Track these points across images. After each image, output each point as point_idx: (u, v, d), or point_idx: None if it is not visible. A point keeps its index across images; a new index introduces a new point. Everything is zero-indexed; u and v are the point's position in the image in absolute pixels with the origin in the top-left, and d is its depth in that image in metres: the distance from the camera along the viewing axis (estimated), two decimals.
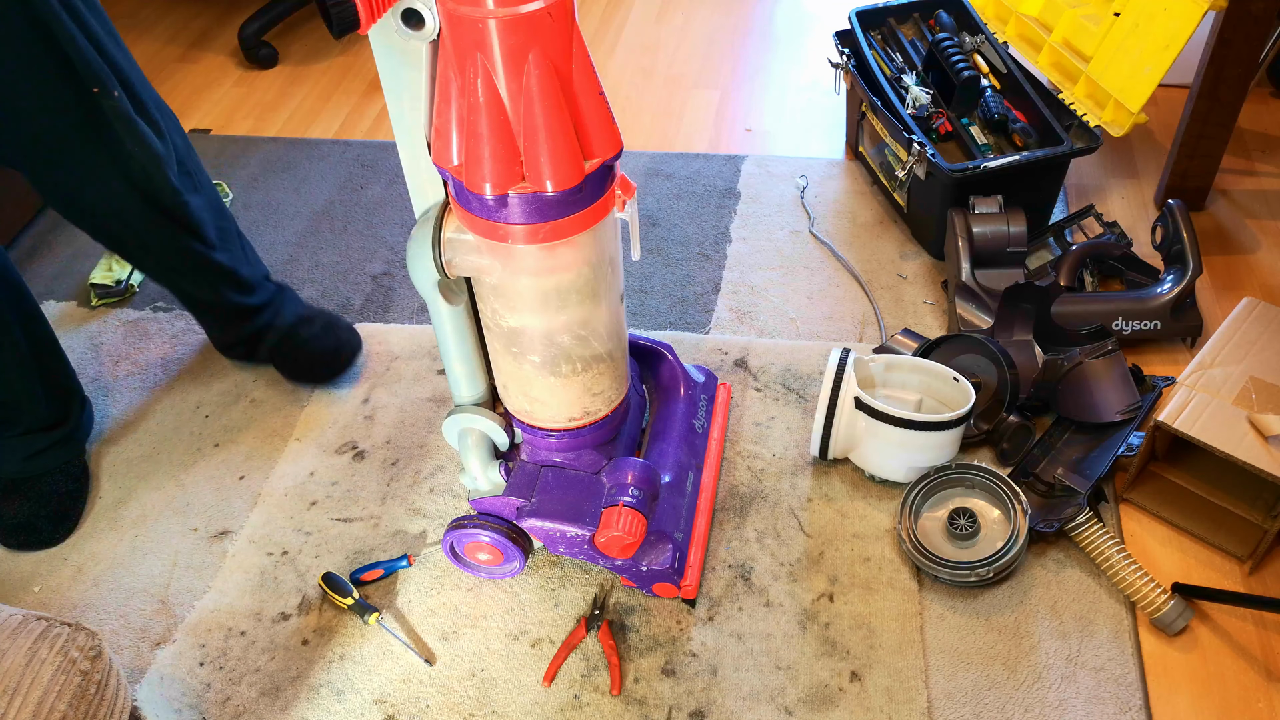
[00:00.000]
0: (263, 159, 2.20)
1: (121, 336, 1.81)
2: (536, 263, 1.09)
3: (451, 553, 1.39)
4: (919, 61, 1.97)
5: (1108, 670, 1.29)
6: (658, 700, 1.29)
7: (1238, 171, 2.00)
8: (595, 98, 1.00)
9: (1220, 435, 1.32)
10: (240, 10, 2.60)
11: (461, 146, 1.01)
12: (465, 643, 1.35)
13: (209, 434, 1.64)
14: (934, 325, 1.74)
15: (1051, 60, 1.87)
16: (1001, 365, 1.51)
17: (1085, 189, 1.98)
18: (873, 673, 1.30)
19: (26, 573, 1.47)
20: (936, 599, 1.37)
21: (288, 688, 1.32)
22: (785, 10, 2.63)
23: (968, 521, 1.39)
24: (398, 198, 2.08)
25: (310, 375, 1.70)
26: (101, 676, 1.00)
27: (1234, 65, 1.70)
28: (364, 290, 1.88)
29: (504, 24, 0.91)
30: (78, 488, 1.55)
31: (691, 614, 1.37)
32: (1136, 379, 1.55)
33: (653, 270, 1.88)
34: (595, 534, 1.27)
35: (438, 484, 1.55)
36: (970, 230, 1.67)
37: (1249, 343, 1.44)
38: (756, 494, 1.50)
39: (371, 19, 0.92)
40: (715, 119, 2.27)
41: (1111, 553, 1.33)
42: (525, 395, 1.26)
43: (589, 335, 1.19)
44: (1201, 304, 1.72)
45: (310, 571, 1.45)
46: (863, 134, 2.02)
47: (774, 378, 1.67)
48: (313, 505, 1.53)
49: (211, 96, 2.41)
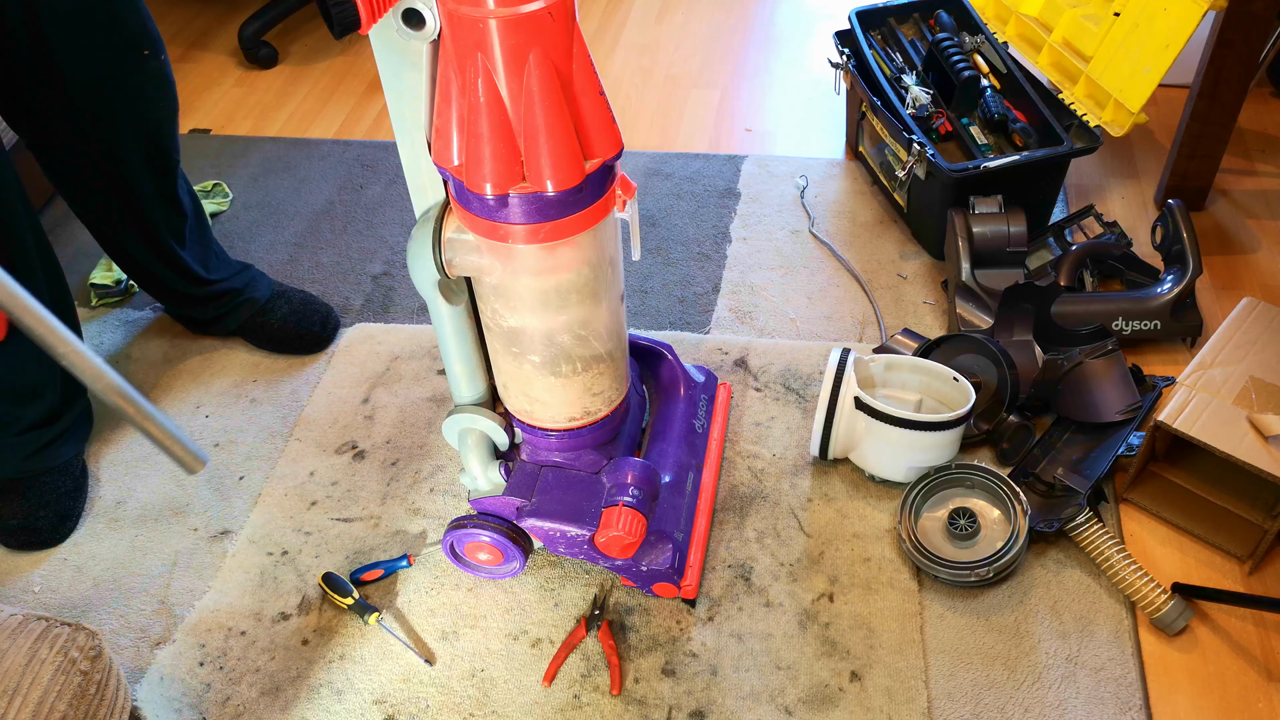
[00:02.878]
0: (263, 159, 2.20)
1: (121, 336, 1.81)
2: (537, 263, 1.09)
3: (451, 553, 1.39)
4: (919, 61, 1.98)
5: (1108, 670, 1.29)
6: (658, 700, 1.29)
7: (1238, 171, 2.00)
8: (595, 98, 1.00)
9: (1220, 435, 1.32)
10: (240, 10, 2.60)
11: (462, 146, 1.01)
12: (465, 643, 1.35)
13: (209, 434, 1.64)
14: (934, 325, 1.74)
15: (1051, 60, 1.87)
16: (1001, 365, 1.51)
17: (1085, 189, 1.98)
18: (873, 673, 1.30)
19: (26, 573, 1.47)
20: (936, 599, 1.37)
21: (288, 688, 1.32)
22: (785, 10, 2.63)
23: (968, 521, 1.39)
24: (398, 198, 2.08)
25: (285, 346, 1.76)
26: (101, 676, 1.00)
27: (1234, 65, 1.70)
28: (364, 290, 1.88)
29: (505, 24, 0.91)
30: (78, 487, 1.55)
31: (691, 614, 1.37)
32: (1136, 379, 1.55)
33: (653, 270, 1.88)
34: (595, 534, 1.27)
35: (438, 484, 1.55)
36: (970, 230, 1.67)
37: (1249, 343, 1.44)
38: (756, 494, 1.50)
39: (372, 19, 0.92)
40: (715, 119, 2.27)
41: (1111, 553, 1.33)
42: (525, 395, 1.26)
43: (589, 335, 1.19)
44: (1201, 304, 1.72)
45: (310, 571, 1.45)
46: (863, 134, 2.02)
47: (774, 378, 1.67)
48: (313, 505, 1.53)
49: (211, 96, 2.41)
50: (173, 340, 1.79)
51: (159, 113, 1.49)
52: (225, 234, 2.01)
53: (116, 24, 1.37)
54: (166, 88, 1.48)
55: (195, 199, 1.65)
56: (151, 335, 1.80)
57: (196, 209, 1.65)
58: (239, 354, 1.76)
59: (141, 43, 1.41)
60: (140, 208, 1.54)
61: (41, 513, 1.50)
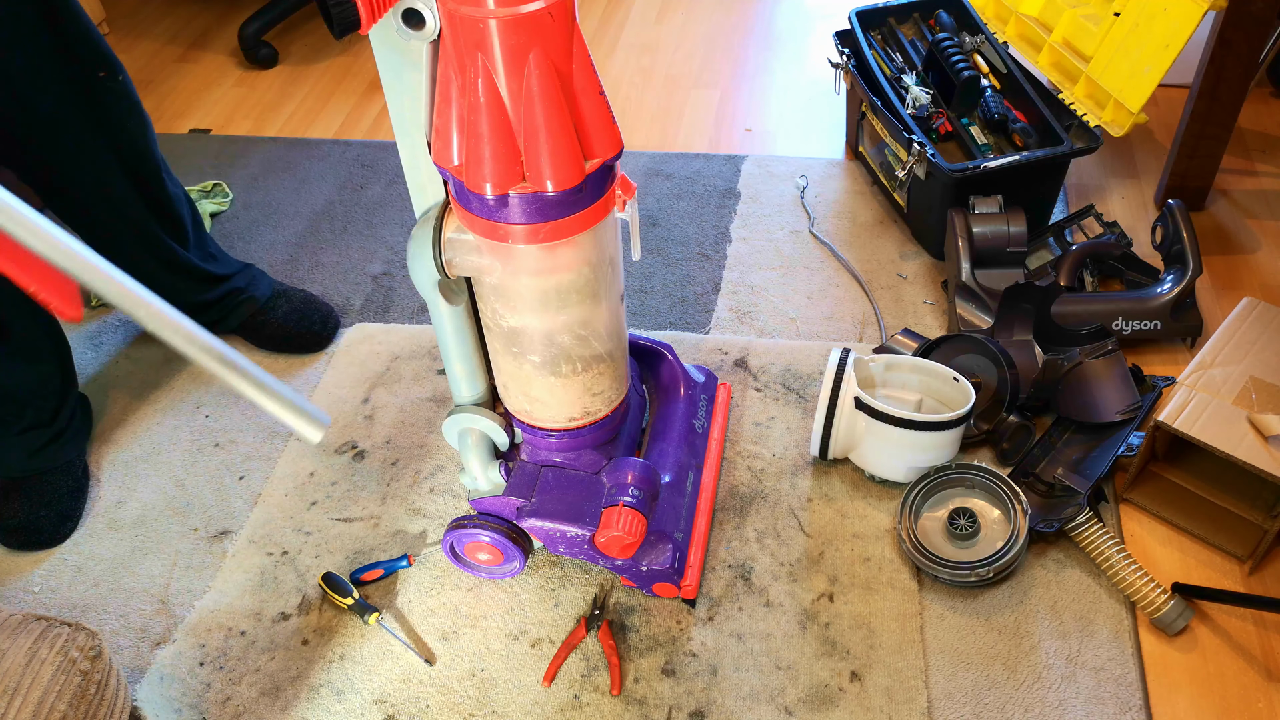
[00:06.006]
0: (263, 159, 2.20)
1: (122, 336, 1.81)
2: (537, 263, 1.09)
3: (451, 553, 1.39)
4: (919, 61, 1.98)
5: (1108, 670, 1.29)
6: (658, 700, 1.29)
7: (1238, 171, 2.00)
8: (595, 98, 1.00)
9: (1220, 435, 1.32)
10: (240, 10, 2.60)
11: (462, 146, 1.01)
12: (465, 643, 1.36)
13: (209, 434, 1.64)
14: (934, 325, 1.74)
15: (1051, 60, 1.87)
16: (1001, 365, 1.51)
17: (1085, 189, 1.98)
18: (873, 673, 1.30)
19: (26, 573, 1.47)
20: (936, 599, 1.37)
21: (288, 688, 1.32)
22: (785, 10, 2.63)
23: (968, 521, 1.39)
24: (398, 198, 2.08)
25: (285, 346, 1.76)
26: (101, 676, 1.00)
27: (1234, 65, 1.70)
28: (364, 290, 1.88)
29: (505, 24, 0.91)
30: (79, 487, 1.55)
31: (691, 614, 1.37)
32: (1136, 379, 1.55)
33: (653, 270, 1.88)
34: (595, 534, 1.27)
35: (438, 484, 1.55)
36: (970, 230, 1.67)
37: (1249, 343, 1.44)
38: (756, 494, 1.50)
39: (372, 19, 0.92)
40: (715, 119, 2.27)
41: (1111, 553, 1.33)
42: (525, 395, 1.26)
43: (589, 335, 1.19)
44: (1201, 304, 1.72)
45: (310, 571, 1.45)
46: (863, 134, 2.02)
47: (774, 378, 1.67)
48: (313, 505, 1.53)
49: (211, 96, 2.41)
50: None
51: (130, 131, 1.49)
52: (225, 234, 2.01)
53: (68, 49, 1.37)
54: (131, 105, 1.48)
55: (191, 203, 1.66)
56: (152, 335, 1.80)
57: (192, 211, 1.65)
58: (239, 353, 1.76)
59: (97, 65, 1.41)
60: (136, 221, 1.55)
61: (42, 512, 1.50)
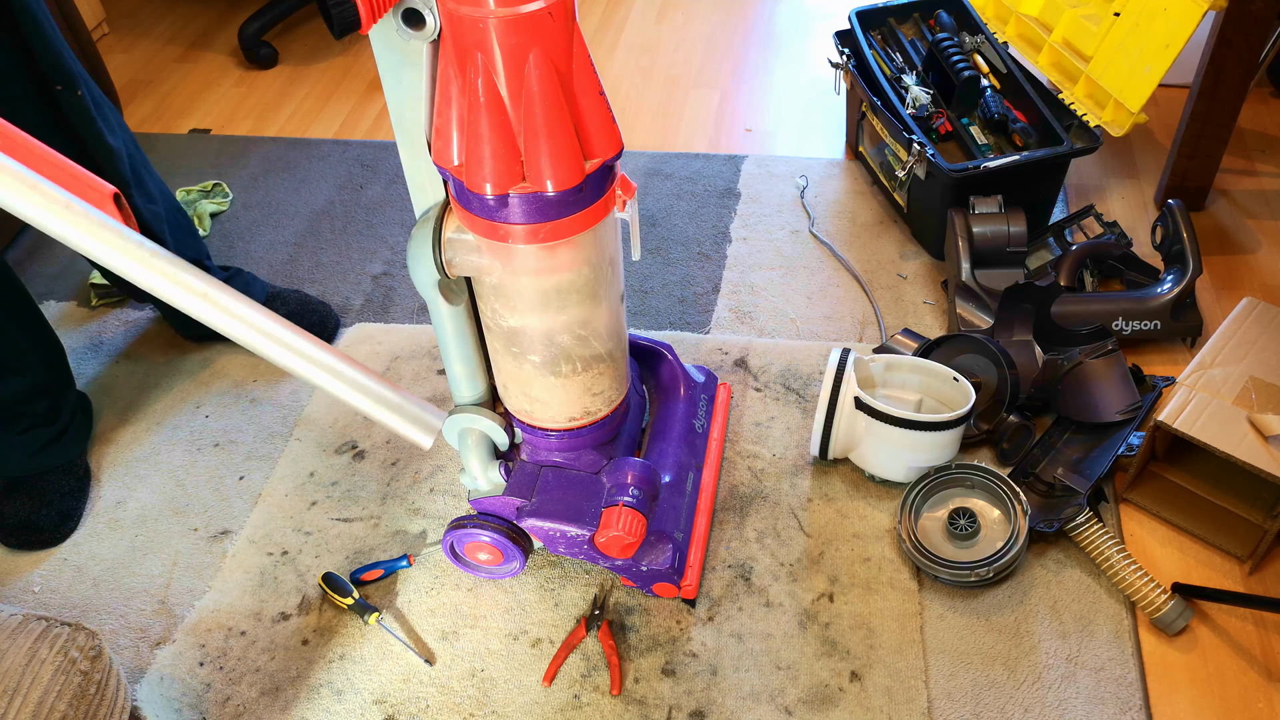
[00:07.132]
0: (263, 159, 2.20)
1: (122, 336, 1.81)
2: (537, 263, 1.09)
3: (451, 553, 1.39)
4: (919, 61, 1.97)
5: (1108, 670, 1.29)
6: (658, 700, 1.29)
7: (1238, 171, 2.00)
8: (595, 98, 1.00)
9: (1220, 435, 1.32)
10: (240, 10, 2.60)
11: (462, 146, 1.01)
12: (465, 643, 1.35)
13: (209, 434, 1.64)
14: (934, 325, 1.74)
15: (1051, 60, 1.87)
16: (1001, 365, 1.51)
17: (1085, 189, 1.98)
18: (873, 673, 1.30)
19: (26, 573, 1.47)
20: (936, 599, 1.37)
21: (288, 688, 1.32)
22: (785, 10, 2.63)
23: (968, 521, 1.39)
24: (398, 198, 2.08)
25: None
26: (101, 676, 1.00)
27: (1234, 65, 1.70)
28: (364, 290, 1.88)
29: (504, 24, 0.91)
30: (79, 487, 1.55)
31: (691, 614, 1.37)
32: (1136, 379, 1.55)
33: (653, 270, 1.88)
34: (595, 534, 1.27)
35: (438, 484, 1.55)
36: (970, 230, 1.67)
37: (1249, 343, 1.44)
38: (756, 494, 1.50)
39: (372, 19, 0.92)
40: (715, 119, 2.27)
41: (1111, 553, 1.33)
42: (525, 395, 1.26)
43: (589, 335, 1.19)
44: (1201, 304, 1.72)
45: (310, 571, 1.45)
46: (863, 134, 2.02)
47: (774, 378, 1.67)
48: (313, 505, 1.53)
49: (211, 96, 2.41)
50: (172, 340, 1.79)
51: (93, 144, 1.46)
52: (225, 234, 2.01)
53: (25, 61, 1.36)
54: (88, 120, 1.46)
55: (177, 214, 1.63)
56: (151, 335, 1.80)
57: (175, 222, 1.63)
58: (239, 354, 1.76)
59: (53, 78, 1.39)
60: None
61: (43, 512, 1.50)
